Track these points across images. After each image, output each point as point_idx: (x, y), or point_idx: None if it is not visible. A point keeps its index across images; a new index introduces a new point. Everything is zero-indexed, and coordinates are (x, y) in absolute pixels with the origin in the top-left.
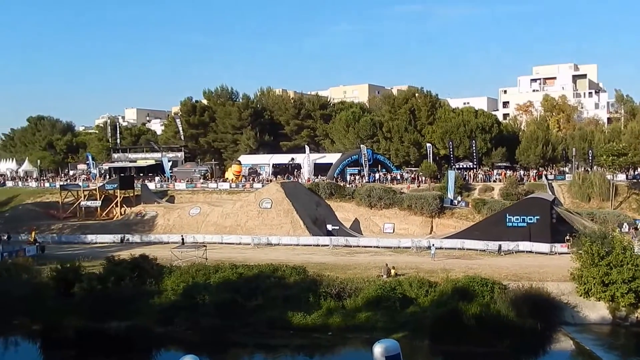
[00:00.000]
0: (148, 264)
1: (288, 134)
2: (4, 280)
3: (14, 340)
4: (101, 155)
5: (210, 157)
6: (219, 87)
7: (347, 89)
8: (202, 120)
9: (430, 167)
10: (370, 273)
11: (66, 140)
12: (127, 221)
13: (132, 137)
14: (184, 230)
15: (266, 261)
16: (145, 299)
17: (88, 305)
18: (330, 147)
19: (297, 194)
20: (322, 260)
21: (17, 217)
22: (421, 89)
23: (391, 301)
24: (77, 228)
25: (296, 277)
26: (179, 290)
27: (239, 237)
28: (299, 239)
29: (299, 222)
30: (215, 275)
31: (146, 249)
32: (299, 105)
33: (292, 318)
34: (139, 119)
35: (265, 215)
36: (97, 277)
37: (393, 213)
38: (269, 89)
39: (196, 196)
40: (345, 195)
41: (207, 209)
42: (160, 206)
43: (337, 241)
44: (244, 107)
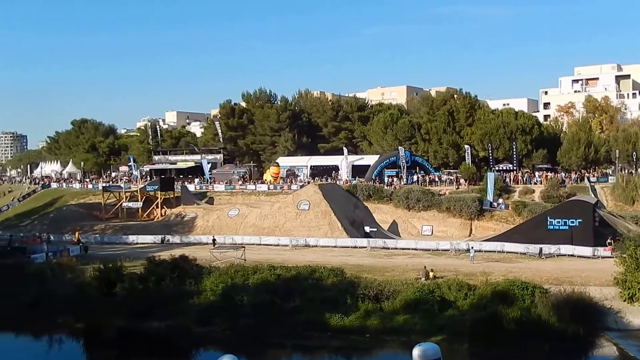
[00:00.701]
0: (188, 265)
1: (326, 135)
2: (49, 280)
3: (59, 339)
4: (142, 157)
5: (249, 159)
6: (258, 90)
7: (385, 90)
8: (241, 123)
9: (469, 169)
10: (408, 275)
11: (108, 142)
12: (168, 222)
13: (172, 140)
14: (222, 231)
15: (304, 263)
16: (185, 299)
17: (129, 305)
18: (368, 149)
19: (334, 196)
20: (359, 262)
21: (61, 217)
22: (460, 90)
23: (429, 304)
24: (119, 229)
25: (334, 278)
26: (217, 290)
27: (277, 239)
28: (337, 241)
29: (336, 223)
30: (253, 276)
31: (186, 250)
32: (336, 107)
33: (329, 320)
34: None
35: (303, 216)
36: (138, 277)
37: (431, 215)
38: (306, 91)
39: (235, 198)
40: (383, 197)
41: (245, 211)
42: (200, 207)
43: (375, 243)
44: (282, 109)
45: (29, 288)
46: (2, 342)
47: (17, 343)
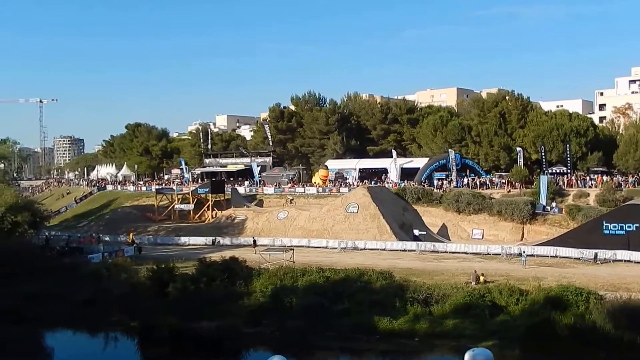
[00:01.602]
0: (238, 266)
1: (375, 138)
2: (105, 279)
3: (114, 336)
4: (194, 160)
5: (298, 162)
6: (307, 93)
7: (434, 92)
8: (290, 126)
9: (521, 172)
10: (458, 279)
11: (161, 146)
12: (218, 224)
13: (222, 143)
14: (271, 233)
15: (352, 265)
16: (235, 300)
17: (181, 305)
18: (417, 151)
19: (383, 199)
20: (408, 266)
21: (116, 219)
22: (512, 91)
23: (480, 309)
24: (171, 230)
25: (382, 282)
26: (267, 292)
27: (326, 241)
28: (386, 244)
29: (385, 226)
30: (302, 279)
31: (236, 252)
32: (385, 109)
33: (378, 323)
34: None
35: (351, 219)
36: (190, 278)
37: (482, 219)
38: (355, 94)
39: (284, 200)
40: (433, 200)
41: (294, 213)
42: (250, 210)
43: (424, 246)
44: (330, 112)
45: (85, 287)
46: (61, 338)
47: (75, 340)
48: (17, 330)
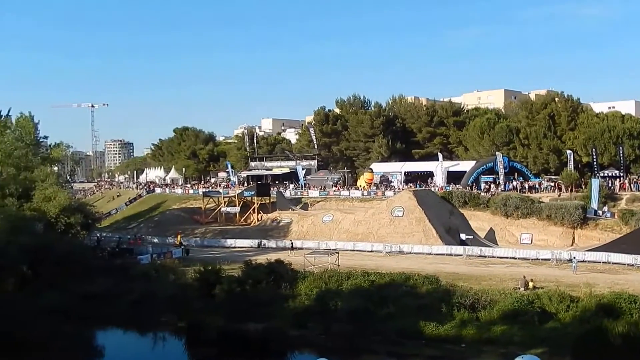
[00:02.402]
0: (283, 269)
1: (420, 141)
2: (154, 280)
3: (162, 336)
4: (240, 163)
5: (343, 165)
6: (351, 96)
7: (481, 94)
8: (335, 129)
9: (572, 175)
10: (506, 285)
11: (208, 149)
12: (264, 227)
13: (268, 146)
14: (316, 236)
15: (398, 269)
16: (280, 302)
17: (228, 306)
18: (463, 154)
19: (429, 202)
20: (455, 270)
21: (165, 221)
22: (561, 93)
23: (529, 315)
24: (217, 233)
25: (428, 286)
26: (312, 295)
27: (371, 245)
28: (432, 248)
29: (431, 230)
30: (347, 282)
31: (281, 254)
32: (431, 112)
33: (424, 328)
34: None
35: (397, 223)
36: (236, 280)
37: (531, 223)
38: (400, 96)
39: (329, 203)
40: (480, 204)
41: (339, 216)
42: (295, 213)
43: (471, 251)
44: (376, 115)
45: (135, 287)
46: (112, 337)
47: (125, 339)
48: (71, 328)
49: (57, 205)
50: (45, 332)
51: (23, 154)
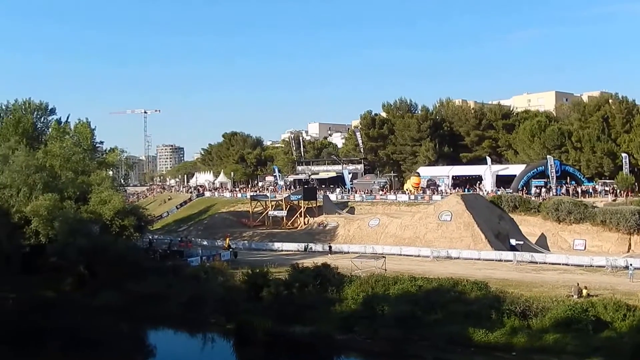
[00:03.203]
0: (330, 273)
1: (468, 145)
2: (203, 282)
3: (211, 337)
4: (287, 167)
5: (389, 169)
6: (398, 100)
7: (531, 97)
8: (381, 133)
9: (627, 179)
10: (558, 292)
11: (256, 154)
12: (310, 231)
13: (314, 151)
14: (363, 240)
15: (446, 275)
16: (327, 306)
17: (275, 309)
18: (513, 158)
19: (478, 207)
20: (505, 276)
21: (214, 224)
22: (615, 94)
23: (583, 324)
24: (265, 236)
25: (477, 292)
26: (358, 299)
27: (418, 249)
28: (480, 253)
29: (480, 235)
30: (394, 287)
31: (327, 258)
32: (479, 115)
33: (472, 334)
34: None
35: (444, 227)
36: (283, 283)
37: (584, 229)
38: (448, 99)
39: (375, 207)
40: (531, 209)
41: (386, 221)
42: (341, 217)
43: (522, 257)
44: (422, 118)
45: (185, 289)
46: (163, 337)
47: (176, 338)
48: (125, 327)
49: (112, 208)
50: (101, 330)
51: (81, 158)
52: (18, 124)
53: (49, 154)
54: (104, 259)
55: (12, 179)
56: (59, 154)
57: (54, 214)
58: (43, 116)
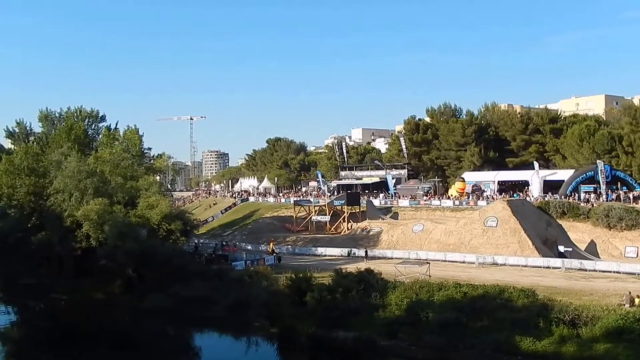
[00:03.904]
0: (373, 278)
1: (514, 150)
2: (248, 286)
3: (255, 340)
4: (330, 173)
5: (434, 174)
6: (442, 105)
7: (579, 100)
8: (425, 138)
9: None
10: (609, 301)
11: (299, 159)
12: (354, 236)
13: (358, 156)
14: (407, 246)
15: (491, 281)
16: (370, 311)
17: (318, 314)
18: (561, 163)
19: (524, 213)
20: (553, 284)
21: (258, 229)
22: None
23: (635, 334)
24: (308, 241)
25: (524, 300)
26: (402, 305)
27: (463, 256)
28: (527, 260)
29: (527, 242)
30: (438, 293)
31: (371, 264)
32: (526, 119)
33: (520, 343)
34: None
35: (490, 233)
36: (326, 288)
37: (637, 235)
38: (493, 104)
39: (419, 213)
40: (579, 215)
41: (430, 226)
42: (385, 222)
43: (570, 264)
44: (467, 123)
45: (230, 292)
46: (208, 339)
47: (221, 341)
48: (171, 329)
49: (159, 212)
50: (148, 332)
51: (129, 164)
52: (70, 131)
53: (99, 160)
54: (151, 263)
55: (65, 184)
56: (108, 159)
57: (104, 218)
58: (94, 123)
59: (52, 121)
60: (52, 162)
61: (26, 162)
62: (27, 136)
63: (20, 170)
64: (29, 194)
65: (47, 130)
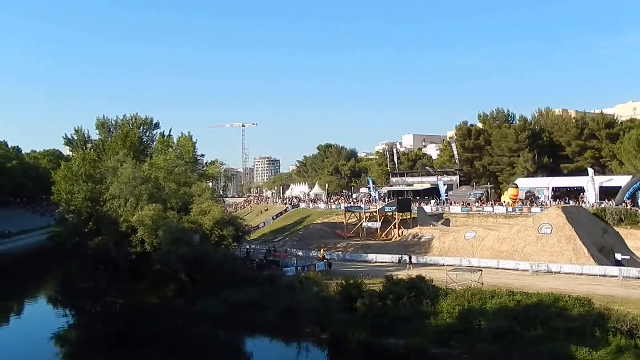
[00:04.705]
0: (425, 285)
1: (569, 155)
2: (298, 292)
3: (306, 346)
4: (381, 179)
5: (486, 181)
6: (495, 110)
7: (637, 105)
8: (477, 144)
9: None
10: None
11: (350, 165)
12: (405, 242)
13: (408, 162)
14: (458, 253)
15: (546, 289)
16: (421, 319)
17: (369, 321)
18: (618, 169)
19: (580, 220)
20: (609, 293)
21: (308, 235)
22: None
23: None
24: (359, 247)
25: (580, 308)
26: (454, 313)
27: (516, 263)
28: (583, 268)
29: (582, 249)
30: (491, 301)
31: (422, 270)
32: (581, 125)
33: (575, 352)
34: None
35: (544, 241)
36: (377, 295)
37: None
38: (547, 109)
39: (471, 219)
40: (637, 222)
41: (482, 233)
42: (436, 229)
43: (628, 272)
44: (520, 129)
45: (281, 298)
46: (259, 344)
47: (271, 346)
48: (223, 333)
49: (211, 218)
50: (200, 336)
51: (183, 170)
52: (126, 138)
53: (153, 166)
54: (203, 268)
55: (120, 190)
56: (163, 166)
57: (158, 223)
58: (148, 130)
59: (109, 128)
60: (108, 168)
61: (84, 169)
62: (85, 143)
63: (78, 176)
64: (86, 199)
65: (103, 137)
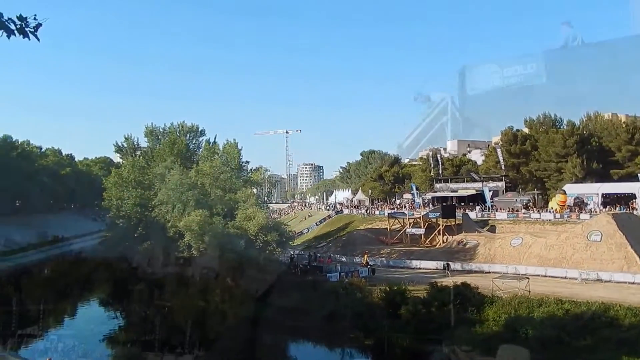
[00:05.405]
0: (470, 292)
1: (619, 161)
2: (342, 297)
3: (349, 352)
4: (424, 185)
5: (532, 187)
6: (542, 115)
7: None
8: (524, 149)
9: None
10: None
11: (393, 171)
12: (449, 249)
13: (453, 168)
14: (505, 260)
15: (595, 298)
16: (467, 326)
17: (413, 327)
18: None
19: (631, 227)
20: None
21: (351, 241)
22: None
23: None
24: (402, 253)
25: (632, 318)
26: (500, 321)
27: (564, 271)
28: (635, 277)
29: (634, 257)
30: (538, 309)
31: (467, 277)
32: (632, 129)
33: None
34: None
35: (593, 248)
36: (421, 301)
37: None
38: (596, 113)
39: (518, 226)
40: None
41: (529, 240)
42: (481, 235)
43: None
44: (568, 134)
45: (325, 303)
46: (304, 349)
47: (315, 352)
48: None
49: (256, 224)
50: (245, 340)
51: (228, 177)
52: (173, 145)
53: (200, 173)
54: (248, 272)
55: (168, 196)
56: (209, 172)
57: (204, 228)
58: (195, 137)
59: (157, 136)
60: (156, 175)
61: (133, 175)
62: (134, 150)
63: (128, 182)
64: (135, 205)
65: (152, 144)
